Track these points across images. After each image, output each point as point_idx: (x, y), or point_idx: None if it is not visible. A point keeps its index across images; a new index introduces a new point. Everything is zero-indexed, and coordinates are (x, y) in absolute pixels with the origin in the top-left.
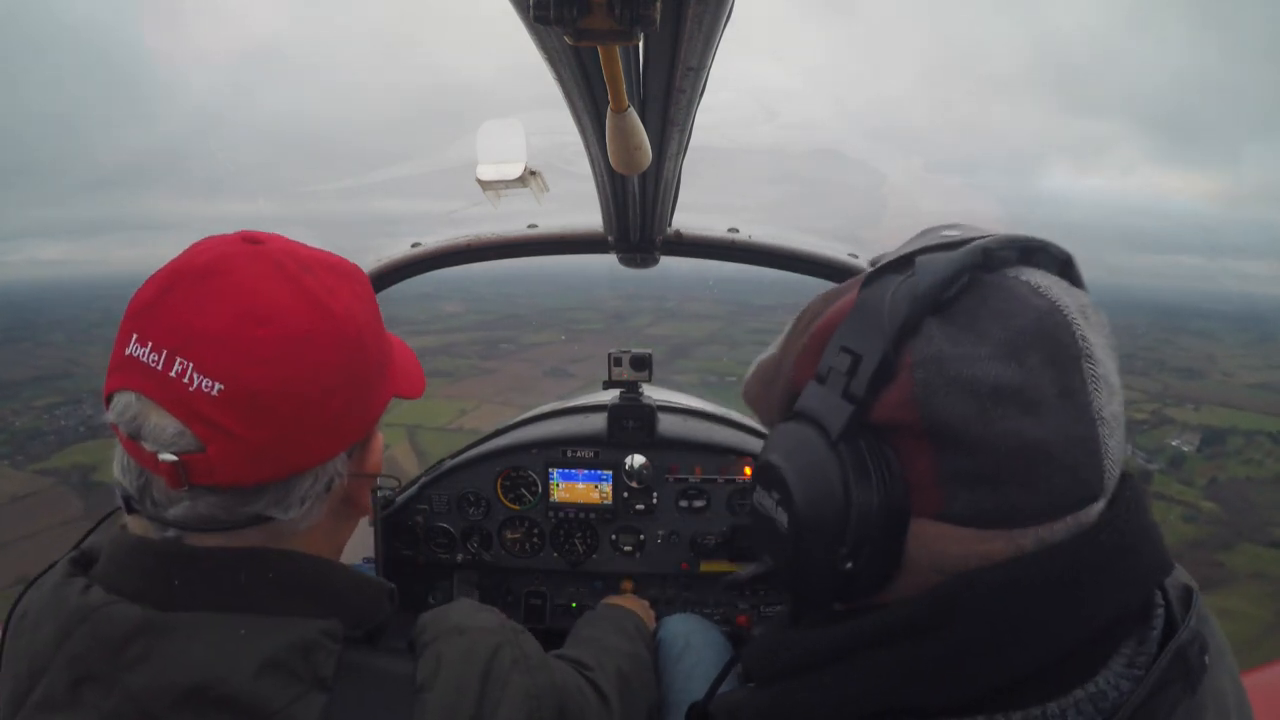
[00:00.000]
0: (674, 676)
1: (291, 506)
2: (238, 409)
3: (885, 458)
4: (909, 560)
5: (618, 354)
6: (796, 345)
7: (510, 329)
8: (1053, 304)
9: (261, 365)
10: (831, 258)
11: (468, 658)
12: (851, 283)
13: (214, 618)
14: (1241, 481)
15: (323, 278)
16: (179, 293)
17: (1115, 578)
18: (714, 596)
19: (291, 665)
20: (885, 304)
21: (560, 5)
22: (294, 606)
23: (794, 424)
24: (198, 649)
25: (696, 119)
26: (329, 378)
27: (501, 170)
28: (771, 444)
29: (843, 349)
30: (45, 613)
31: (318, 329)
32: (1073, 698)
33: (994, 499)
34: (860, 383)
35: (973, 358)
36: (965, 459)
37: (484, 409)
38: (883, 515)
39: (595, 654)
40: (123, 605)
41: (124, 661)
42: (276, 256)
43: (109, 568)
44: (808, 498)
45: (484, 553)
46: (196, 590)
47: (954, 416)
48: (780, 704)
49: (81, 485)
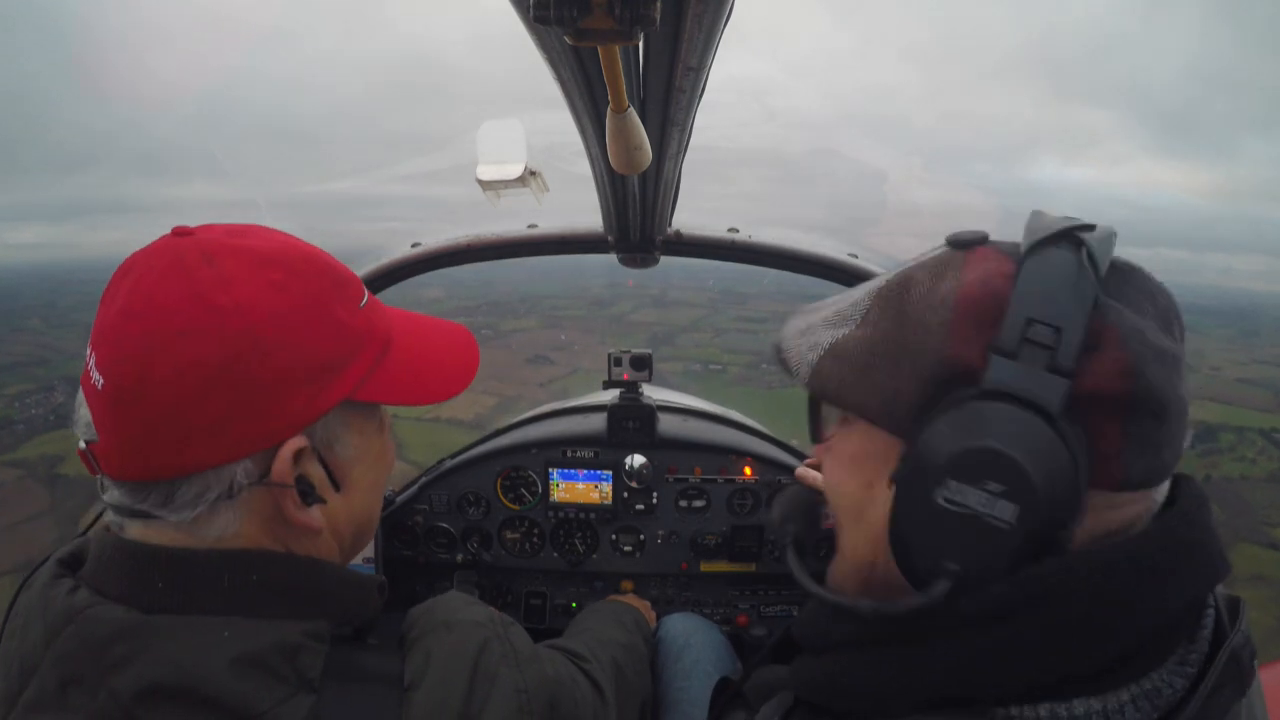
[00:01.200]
0: (673, 675)
1: (181, 509)
2: (113, 404)
3: (1081, 431)
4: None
5: (618, 354)
6: (931, 320)
7: (490, 315)
8: (1164, 285)
9: (127, 361)
10: (832, 258)
11: (455, 654)
12: (941, 255)
13: (197, 620)
14: (1236, 480)
15: (228, 269)
16: (108, 291)
17: (1192, 567)
18: (714, 596)
19: (275, 667)
20: (1071, 275)
21: (560, 5)
22: (279, 608)
23: (998, 404)
24: (179, 650)
25: (696, 119)
26: (203, 376)
27: (501, 170)
28: (971, 429)
29: (1034, 321)
30: (34, 613)
31: (194, 325)
32: (1129, 691)
33: (1155, 463)
34: (1068, 354)
35: (1152, 329)
36: (1158, 427)
37: (463, 398)
38: (1082, 490)
39: (590, 645)
40: (107, 607)
41: (108, 663)
42: (182, 249)
43: (95, 569)
44: (1048, 485)
45: (484, 553)
46: (180, 592)
47: (1159, 383)
48: (835, 674)
49: (48, 478)
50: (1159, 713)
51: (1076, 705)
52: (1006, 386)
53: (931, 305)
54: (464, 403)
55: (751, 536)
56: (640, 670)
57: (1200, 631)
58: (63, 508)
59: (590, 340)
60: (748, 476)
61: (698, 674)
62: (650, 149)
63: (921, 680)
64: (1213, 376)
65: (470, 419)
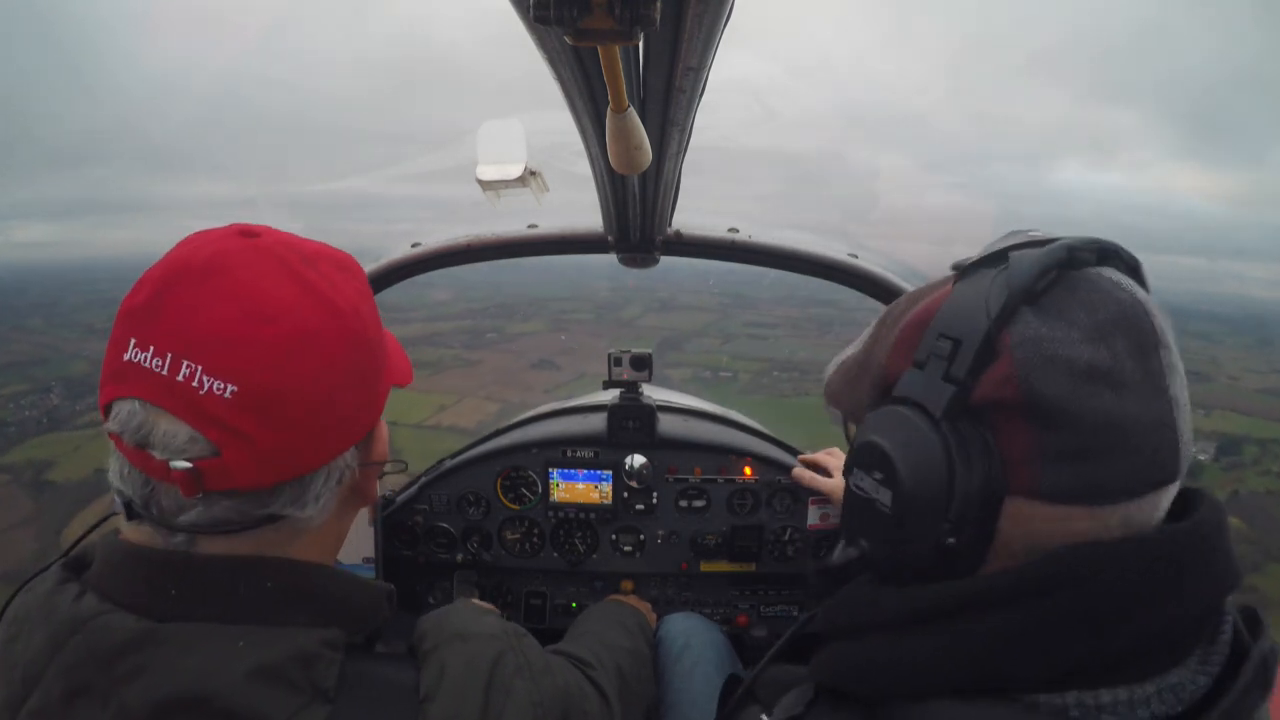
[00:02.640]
0: (673, 675)
1: (308, 504)
2: (252, 411)
3: (984, 437)
4: (1000, 539)
5: (618, 354)
6: (887, 339)
7: (497, 318)
8: (1133, 296)
9: (273, 365)
10: (832, 258)
11: (471, 666)
12: (938, 282)
13: (211, 629)
14: (1262, 495)
15: (326, 272)
16: (179, 293)
17: (1209, 571)
18: (714, 596)
19: (291, 676)
20: (984, 293)
21: (560, 5)
22: (293, 616)
23: (894, 407)
24: (194, 661)
25: (696, 119)
26: (339, 375)
27: (501, 170)
28: (871, 426)
29: (942, 336)
30: (37, 619)
31: (325, 326)
32: (1154, 685)
33: (1083, 475)
34: (961, 365)
35: (1067, 340)
36: (1059, 435)
37: (465, 403)
38: (982, 491)
39: (596, 650)
40: (118, 615)
41: (119, 674)
42: (276, 250)
43: (103, 575)
44: (913, 475)
45: (484, 553)
46: (194, 600)
47: (1051, 393)
48: (866, 656)
49: (34, 484)
50: (1182, 706)
51: (1103, 694)
52: (906, 392)
53: (895, 325)
54: (467, 409)
55: (751, 536)
56: (644, 676)
57: (1220, 636)
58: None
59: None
60: (748, 476)
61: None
62: (650, 149)
63: (952, 662)
64: (1231, 386)
65: (473, 426)
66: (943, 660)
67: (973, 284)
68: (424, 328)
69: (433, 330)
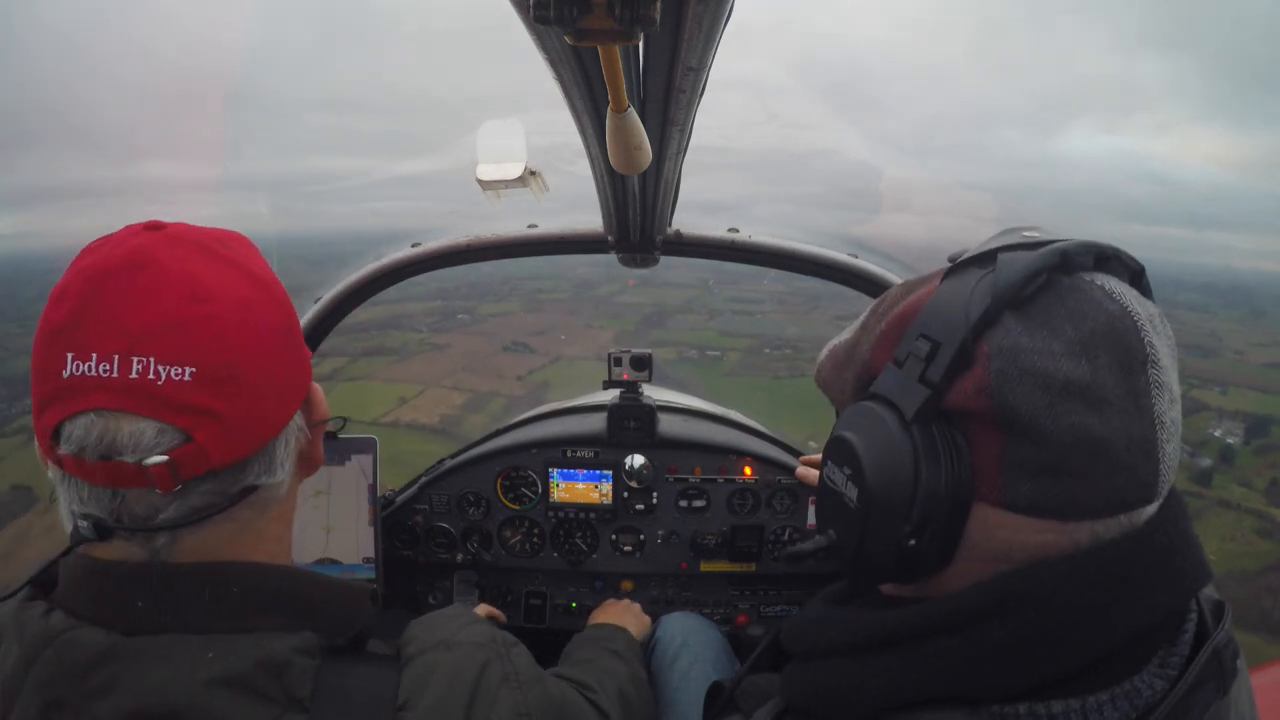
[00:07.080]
0: (670, 676)
1: (277, 470)
2: (214, 386)
3: (955, 443)
4: (966, 546)
5: (618, 354)
6: (874, 331)
7: (469, 298)
8: (1124, 309)
9: (223, 339)
10: (832, 258)
11: (454, 675)
12: (932, 274)
13: (180, 640)
14: None
15: (237, 248)
16: (108, 294)
17: (1167, 579)
18: (714, 596)
19: (261, 686)
20: (967, 295)
21: (560, 5)
22: (263, 621)
23: (869, 404)
24: (162, 674)
25: (696, 119)
26: (279, 337)
27: (501, 170)
28: (845, 421)
29: (922, 336)
30: (11, 635)
31: (257, 295)
32: (1110, 693)
33: (1054, 490)
34: (937, 369)
35: (1046, 352)
36: (1031, 449)
37: (429, 394)
38: (948, 496)
39: (595, 675)
40: (86, 630)
41: (90, 689)
42: (189, 237)
43: (68, 592)
44: (879, 473)
45: (484, 553)
46: (161, 612)
47: (1025, 407)
48: (826, 680)
49: None
50: (1137, 712)
51: (1055, 705)
52: (882, 390)
53: (882, 318)
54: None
55: (751, 536)
56: (646, 699)
57: (1181, 635)
58: None
59: (575, 324)
60: (748, 476)
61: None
62: (650, 149)
63: (906, 684)
64: (1239, 361)
65: (435, 422)
66: (898, 682)
67: (958, 284)
68: (389, 309)
69: (398, 312)
